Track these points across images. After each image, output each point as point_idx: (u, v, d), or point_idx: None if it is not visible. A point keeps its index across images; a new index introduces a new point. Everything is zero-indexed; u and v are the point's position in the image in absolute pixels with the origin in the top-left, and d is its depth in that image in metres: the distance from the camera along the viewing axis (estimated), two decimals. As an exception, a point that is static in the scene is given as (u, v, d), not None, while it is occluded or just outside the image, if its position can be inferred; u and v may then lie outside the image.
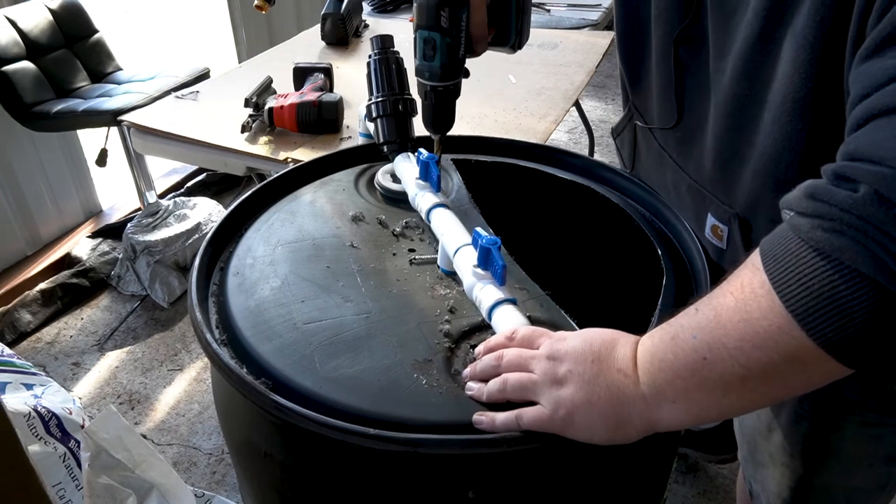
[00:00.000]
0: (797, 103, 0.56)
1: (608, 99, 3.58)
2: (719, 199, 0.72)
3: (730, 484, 1.58)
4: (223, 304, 0.71)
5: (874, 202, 0.40)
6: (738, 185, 0.68)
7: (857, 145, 0.43)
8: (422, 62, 0.78)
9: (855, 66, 0.46)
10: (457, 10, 0.74)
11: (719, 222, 0.74)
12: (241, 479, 0.79)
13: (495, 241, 0.66)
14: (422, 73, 0.80)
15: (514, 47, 0.86)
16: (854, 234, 0.40)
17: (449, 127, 0.85)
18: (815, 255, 0.42)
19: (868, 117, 0.43)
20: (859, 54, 0.46)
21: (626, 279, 0.90)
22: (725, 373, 0.46)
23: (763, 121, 0.61)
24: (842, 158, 0.44)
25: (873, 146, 0.41)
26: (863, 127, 0.43)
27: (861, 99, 0.44)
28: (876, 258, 0.39)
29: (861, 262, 0.40)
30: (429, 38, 0.76)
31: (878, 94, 0.42)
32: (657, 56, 0.75)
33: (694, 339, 0.48)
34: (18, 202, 2.22)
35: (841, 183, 0.42)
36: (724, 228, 0.73)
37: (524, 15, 0.83)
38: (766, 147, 0.61)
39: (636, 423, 0.52)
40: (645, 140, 0.85)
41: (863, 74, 0.44)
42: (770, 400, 0.48)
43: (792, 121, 0.57)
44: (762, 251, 0.46)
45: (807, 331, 0.42)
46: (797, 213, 0.44)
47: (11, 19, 2.14)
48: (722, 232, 0.74)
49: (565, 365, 0.54)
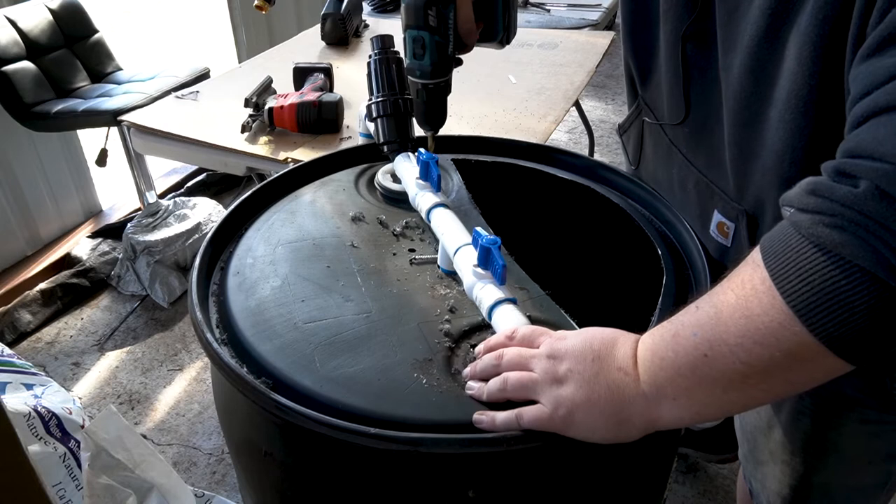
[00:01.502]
0: (801, 100, 0.56)
1: (608, 99, 3.58)
2: (728, 196, 0.72)
3: (730, 484, 1.58)
4: (223, 304, 0.71)
5: (875, 197, 0.40)
6: (747, 182, 0.68)
7: (857, 142, 0.43)
8: (412, 61, 0.79)
9: (855, 65, 0.46)
10: (444, 8, 0.75)
11: (726, 219, 0.74)
12: (241, 478, 0.79)
13: (495, 240, 0.66)
14: (412, 72, 0.80)
15: (503, 42, 0.86)
16: (855, 229, 0.40)
17: (441, 123, 0.85)
18: (815, 250, 0.42)
19: (868, 115, 0.43)
20: (860, 54, 0.46)
21: (626, 279, 0.90)
22: (727, 370, 0.46)
23: (770, 118, 0.61)
24: (842, 155, 0.44)
25: (874, 143, 0.41)
26: (863, 124, 0.43)
27: (861, 97, 0.44)
28: (877, 253, 0.39)
29: (862, 257, 0.40)
30: (418, 37, 0.76)
31: (878, 91, 0.42)
32: (665, 52, 0.75)
33: (695, 336, 0.48)
34: (18, 202, 2.22)
35: (842, 179, 0.42)
36: (730, 225, 0.73)
37: (510, 10, 0.83)
38: (773, 144, 0.61)
39: (637, 422, 0.52)
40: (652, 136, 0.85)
41: (863, 73, 0.45)
42: (772, 396, 0.48)
43: (796, 118, 0.57)
44: (763, 248, 0.46)
45: (808, 327, 0.42)
46: (798, 210, 0.44)
47: (11, 19, 2.14)
48: (728, 229, 0.74)
49: (565, 364, 0.54)
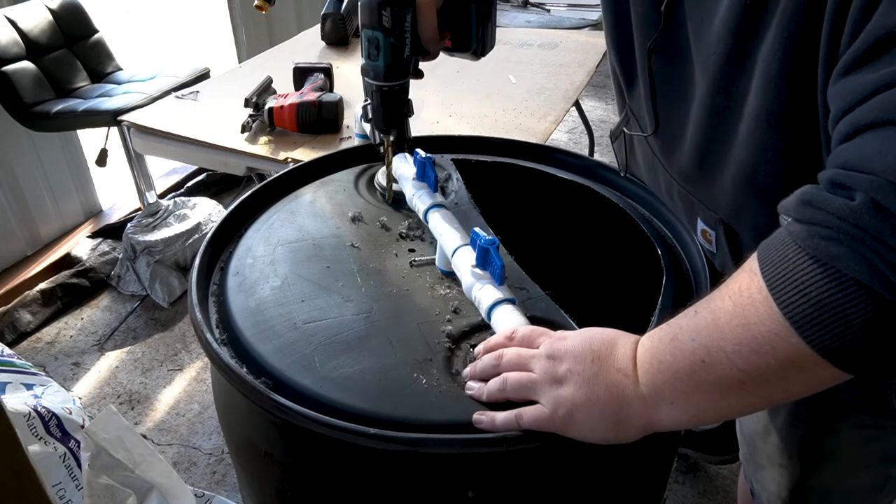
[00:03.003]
0: (770, 115, 0.56)
1: (608, 99, 3.58)
2: (705, 206, 0.73)
3: (730, 484, 1.58)
4: (223, 304, 0.71)
5: (870, 211, 0.40)
6: (719, 192, 0.69)
7: (847, 156, 0.43)
8: (367, 61, 0.77)
9: (832, 83, 0.47)
10: (399, 9, 0.73)
11: (707, 227, 0.74)
12: (241, 478, 0.79)
13: (494, 240, 0.66)
14: (367, 73, 0.78)
15: (477, 54, 0.83)
16: (851, 242, 0.40)
17: (399, 127, 0.83)
18: (811, 262, 0.42)
19: (853, 131, 0.43)
20: (836, 72, 0.46)
21: (626, 279, 0.90)
22: (724, 376, 0.46)
23: (739, 132, 0.61)
24: (833, 167, 0.44)
25: (863, 159, 0.41)
26: (850, 140, 0.43)
27: (844, 113, 0.44)
28: (872, 267, 0.39)
29: (857, 270, 0.40)
30: (372, 37, 0.74)
31: (861, 108, 0.43)
32: (639, 65, 0.75)
33: (693, 341, 0.48)
34: (18, 202, 2.22)
35: (837, 190, 0.42)
36: (711, 233, 0.74)
37: (487, 21, 0.81)
38: (743, 157, 0.62)
39: (636, 423, 0.52)
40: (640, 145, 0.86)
41: (841, 90, 0.45)
42: (768, 403, 0.49)
43: (767, 132, 0.58)
44: (760, 256, 0.46)
45: (804, 338, 0.42)
46: (794, 220, 0.44)
47: (11, 19, 2.14)
48: (710, 236, 0.74)
49: (565, 364, 0.54)
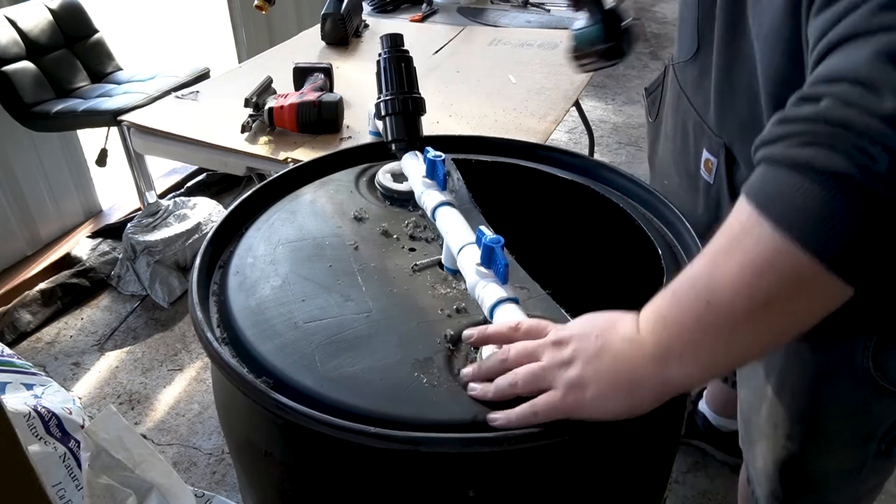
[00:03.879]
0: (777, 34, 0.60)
1: (608, 99, 3.58)
2: (713, 131, 0.78)
3: (730, 484, 1.58)
4: (224, 303, 0.71)
5: (837, 107, 0.42)
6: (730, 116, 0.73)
7: (815, 76, 0.45)
8: None
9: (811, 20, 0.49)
10: None
11: (710, 154, 0.79)
12: (241, 478, 0.79)
13: (499, 239, 0.66)
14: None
15: None
16: (823, 139, 0.42)
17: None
18: (791, 171, 0.43)
19: (822, 56, 0.46)
20: (813, 11, 0.49)
21: (626, 279, 0.90)
22: (731, 311, 0.47)
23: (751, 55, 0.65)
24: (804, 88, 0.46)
25: (828, 70, 0.44)
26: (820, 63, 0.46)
27: (817, 42, 0.47)
28: (848, 155, 0.40)
29: (834, 163, 0.41)
30: None
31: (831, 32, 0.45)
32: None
33: (693, 287, 0.49)
34: (18, 202, 2.22)
35: (803, 103, 0.45)
36: (713, 161, 0.78)
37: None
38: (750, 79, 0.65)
39: (648, 386, 0.52)
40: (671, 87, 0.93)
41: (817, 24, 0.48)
42: (777, 335, 0.48)
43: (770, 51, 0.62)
44: (744, 191, 0.47)
45: (800, 245, 0.43)
46: (769, 143, 0.46)
47: (11, 19, 2.14)
48: (712, 164, 0.79)
49: (570, 346, 0.55)
